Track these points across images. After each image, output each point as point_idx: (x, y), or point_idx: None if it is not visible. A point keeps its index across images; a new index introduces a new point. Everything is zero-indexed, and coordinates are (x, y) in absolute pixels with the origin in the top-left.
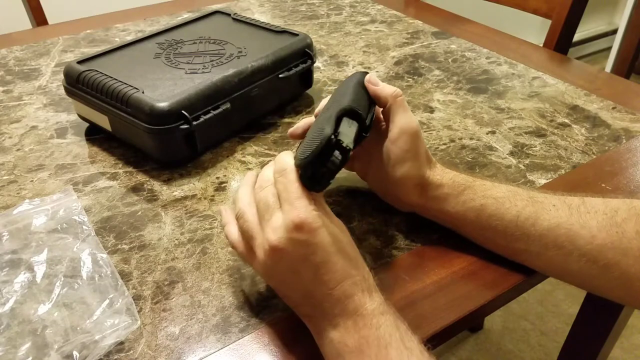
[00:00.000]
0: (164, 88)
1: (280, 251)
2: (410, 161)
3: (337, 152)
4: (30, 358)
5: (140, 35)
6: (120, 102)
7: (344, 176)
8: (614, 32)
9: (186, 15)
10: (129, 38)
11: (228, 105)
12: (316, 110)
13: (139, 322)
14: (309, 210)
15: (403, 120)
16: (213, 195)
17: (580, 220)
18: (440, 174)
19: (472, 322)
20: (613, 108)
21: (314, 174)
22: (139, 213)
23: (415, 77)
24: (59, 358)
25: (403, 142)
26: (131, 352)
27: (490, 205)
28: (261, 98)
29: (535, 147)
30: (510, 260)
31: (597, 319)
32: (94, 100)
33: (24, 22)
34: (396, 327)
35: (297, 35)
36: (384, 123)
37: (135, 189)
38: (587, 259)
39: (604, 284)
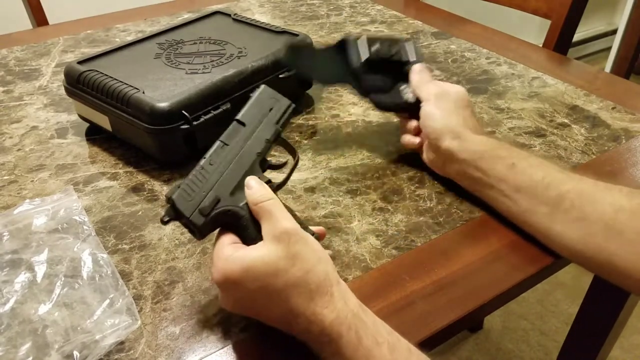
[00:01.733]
0: (164, 88)
1: (224, 305)
2: (436, 115)
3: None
4: (31, 358)
5: (140, 36)
6: (120, 102)
7: (345, 177)
8: (614, 32)
9: (186, 16)
10: (130, 38)
11: (228, 105)
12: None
13: (139, 322)
14: (219, 268)
15: (429, 90)
16: None
17: (603, 187)
18: (477, 134)
19: (472, 322)
20: (613, 108)
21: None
22: (140, 213)
23: None
24: (59, 358)
25: (430, 105)
26: (131, 351)
27: (519, 166)
28: None
29: (535, 147)
30: (509, 260)
31: (597, 319)
32: (94, 101)
33: (24, 22)
34: (354, 350)
35: (297, 35)
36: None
37: (136, 189)
38: (604, 223)
39: (614, 252)
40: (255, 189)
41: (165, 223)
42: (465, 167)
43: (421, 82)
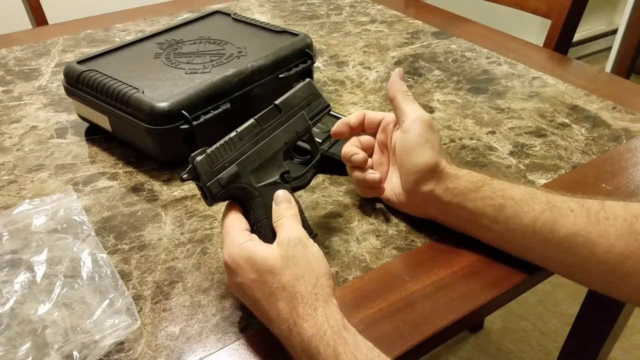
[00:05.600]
0: (164, 88)
1: (228, 284)
2: (425, 146)
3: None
4: (30, 358)
5: (140, 35)
6: (120, 102)
7: (345, 177)
8: (614, 32)
9: (186, 15)
10: (129, 38)
11: (228, 105)
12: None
13: (139, 322)
14: (230, 250)
15: (415, 111)
16: None
17: (599, 228)
18: (457, 168)
19: (472, 322)
20: (613, 108)
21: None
22: (139, 213)
23: (415, 77)
24: (59, 358)
25: (417, 129)
26: (131, 352)
27: (509, 207)
28: (261, 98)
29: (535, 147)
30: (510, 260)
31: (597, 319)
32: (94, 101)
33: (24, 22)
34: None
35: (297, 35)
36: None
37: (135, 189)
38: (606, 266)
39: (624, 291)
40: (282, 206)
41: (183, 180)
42: (451, 209)
43: (402, 100)
